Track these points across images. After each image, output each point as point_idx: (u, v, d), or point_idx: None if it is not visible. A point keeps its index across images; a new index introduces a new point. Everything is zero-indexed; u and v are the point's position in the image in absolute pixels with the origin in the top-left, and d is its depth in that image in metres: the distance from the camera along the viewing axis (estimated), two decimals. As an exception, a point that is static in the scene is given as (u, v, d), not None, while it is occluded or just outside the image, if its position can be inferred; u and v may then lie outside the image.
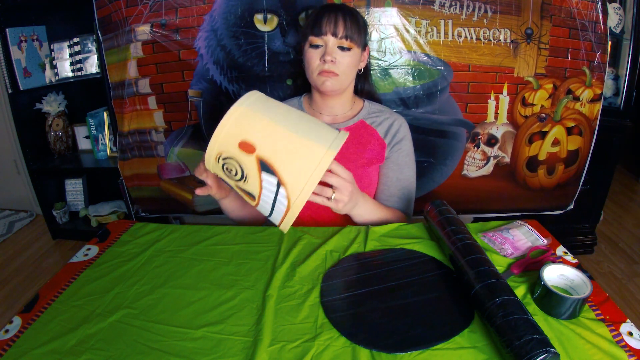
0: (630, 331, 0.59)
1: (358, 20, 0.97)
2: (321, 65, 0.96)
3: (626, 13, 1.50)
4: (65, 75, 1.98)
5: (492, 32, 1.32)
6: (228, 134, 0.65)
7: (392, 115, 1.06)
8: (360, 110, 1.06)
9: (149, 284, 0.74)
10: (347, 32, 0.94)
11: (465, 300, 0.65)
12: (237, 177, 0.67)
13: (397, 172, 1.04)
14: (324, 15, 0.95)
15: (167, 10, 1.36)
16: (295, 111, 0.72)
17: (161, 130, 1.53)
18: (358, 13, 1.00)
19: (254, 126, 0.65)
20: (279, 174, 0.63)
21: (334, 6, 0.98)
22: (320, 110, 1.06)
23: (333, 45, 0.95)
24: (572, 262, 0.75)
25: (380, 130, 1.04)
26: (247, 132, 0.64)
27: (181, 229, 0.91)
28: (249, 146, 0.64)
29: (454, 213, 0.81)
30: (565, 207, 1.60)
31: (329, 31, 0.94)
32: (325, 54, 0.95)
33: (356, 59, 0.99)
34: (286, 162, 0.63)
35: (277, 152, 0.64)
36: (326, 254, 0.79)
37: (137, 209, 1.75)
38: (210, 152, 0.67)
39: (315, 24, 0.95)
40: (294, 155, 0.64)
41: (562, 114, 1.41)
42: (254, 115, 0.66)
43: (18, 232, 2.29)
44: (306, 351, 0.58)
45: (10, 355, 0.60)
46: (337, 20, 0.94)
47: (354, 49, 0.96)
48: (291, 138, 0.65)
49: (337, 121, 1.06)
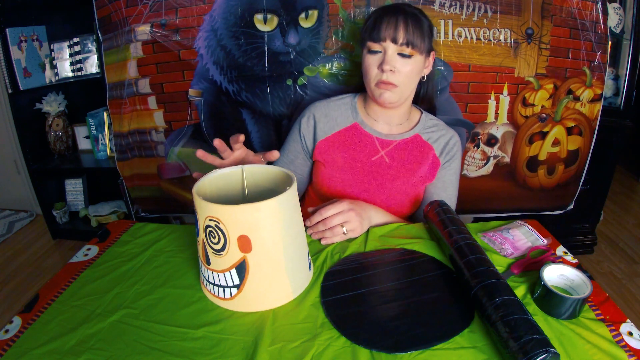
0: (630, 331, 0.59)
1: (422, 24, 0.88)
2: (379, 74, 0.89)
3: (626, 13, 1.50)
4: (65, 75, 1.98)
5: (492, 32, 1.32)
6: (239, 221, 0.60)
7: (448, 132, 1.01)
8: (417, 124, 1.01)
9: (149, 284, 0.74)
10: (409, 38, 0.86)
11: (465, 300, 0.65)
12: (216, 247, 0.62)
13: (440, 189, 1.00)
14: (384, 18, 0.87)
15: (167, 10, 1.36)
16: (301, 231, 0.70)
17: (161, 130, 1.53)
18: (423, 15, 0.91)
19: (266, 234, 0.61)
20: (244, 282, 0.63)
21: (395, 8, 0.89)
22: (375, 117, 1.01)
23: (393, 53, 0.87)
24: (572, 262, 0.75)
25: (436, 147, 1.00)
26: (256, 234, 0.60)
27: (181, 229, 0.91)
28: (247, 245, 0.61)
29: (454, 213, 0.81)
30: (565, 207, 1.60)
31: (389, 37, 0.86)
32: (384, 62, 0.87)
33: (418, 66, 0.91)
34: (258, 281, 0.63)
35: (260, 267, 0.62)
36: (326, 254, 0.79)
37: (137, 209, 1.75)
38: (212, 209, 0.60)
39: (374, 28, 0.88)
40: (266, 281, 0.64)
41: (563, 114, 1.41)
42: (273, 226, 0.62)
43: (18, 232, 2.29)
44: (306, 351, 0.58)
45: (10, 355, 0.60)
46: (398, 25, 0.86)
47: (416, 56, 0.89)
48: (279, 263, 0.64)
49: (392, 132, 1.00)
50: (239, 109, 1.44)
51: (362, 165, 0.99)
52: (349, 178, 0.99)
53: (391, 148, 0.99)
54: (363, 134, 1.00)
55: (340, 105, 1.03)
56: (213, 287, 0.66)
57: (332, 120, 1.02)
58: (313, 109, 1.03)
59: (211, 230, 0.62)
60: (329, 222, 0.81)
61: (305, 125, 1.03)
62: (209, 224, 0.62)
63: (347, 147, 1.00)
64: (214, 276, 0.65)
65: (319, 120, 1.02)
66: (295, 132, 1.05)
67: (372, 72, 0.91)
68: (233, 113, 1.44)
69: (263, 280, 0.64)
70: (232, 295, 0.65)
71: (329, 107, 1.03)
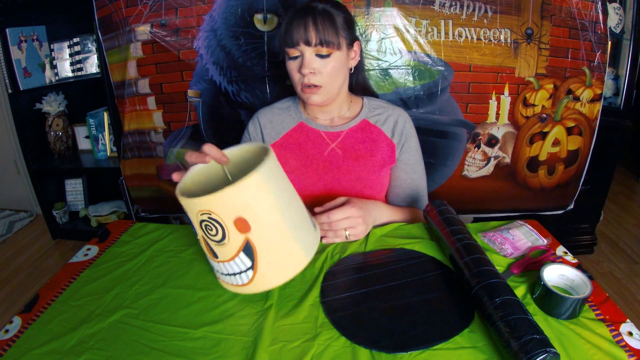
0: (630, 331, 0.59)
1: (334, 20, 0.86)
2: (301, 78, 0.89)
3: (626, 13, 1.50)
4: (65, 75, 1.98)
5: (492, 32, 1.32)
6: (228, 205, 0.60)
7: (394, 111, 1.01)
8: (361, 110, 1.01)
9: (149, 284, 0.74)
10: (322, 37, 0.84)
11: (465, 300, 0.65)
12: (216, 238, 0.62)
13: (410, 172, 1.01)
14: (294, 21, 0.86)
15: (167, 10, 1.36)
16: (294, 196, 0.69)
17: (160, 131, 1.53)
18: (337, 8, 0.89)
19: (258, 209, 0.61)
20: (256, 261, 0.62)
21: (304, 9, 0.87)
22: (315, 115, 1.01)
23: (310, 55, 0.86)
24: (572, 262, 0.75)
25: (386, 129, 1.00)
26: (249, 212, 0.60)
27: (181, 229, 0.91)
28: (245, 225, 0.60)
29: (454, 213, 0.81)
30: (565, 207, 1.60)
31: (301, 40, 0.85)
32: (303, 66, 0.86)
33: (340, 62, 0.90)
34: (268, 255, 0.62)
35: (265, 242, 0.62)
36: (326, 254, 0.79)
37: (137, 209, 1.75)
38: (198, 204, 0.60)
39: (286, 33, 0.87)
40: (277, 253, 0.63)
41: (563, 114, 1.41)
42: (262, 198, 0.61)
43: (18, 232, 2.29)
44: (306, 351, 0.58)
45: (10, 355, 0.60)
46: (307, 26, 0.84)
47: (335, 53, 0.87)
48: (283, 233, 0.63)
49: (335, 124, 1.00)
50: (238, 110, 1.44)
51: (315, 162, 0.99)
52: (305, 178, 0.99)
53: (341, 139, 0.99)
54: (310, 130, 1.00)
55: (283, 109, 1.04)
56: (230, 278, 0.65)
57: (278, 124, 1.02)
58: (258, 115, 1.04)
59: (206, 224, 0.61)
60: (334, 225, 0.82)
61: (254, 133, 1.04)
62: (202, 218, 0.61)
63: (297, 148, 1.00)
64: (226, 267, 0.64)
65: (265, 127, 1.02)
66: (246, 140, 1.06)
67: (296, 77, 0.90)
68: (232, 114, 1.44)
69: (273, 253, 0.63)
70: (250, 277, 0.64)
71: (272, 113, 1.03)
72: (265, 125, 1.03)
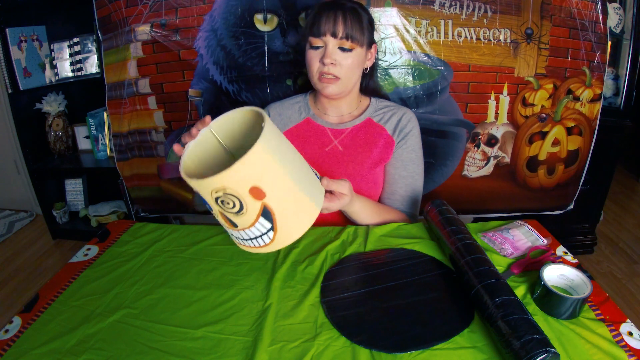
0: (630, 331, 0.59)
1: (361, 18, 0.92)
2: (321, 67, 0.92)
3: (626, 13, 1.50)
4: (65, 75, 1.98)
5: (492, 32, 1.32)
6: (241, 179, 0.61)
7: (399, 109, 1.03)
8: (367, 108, 1.04)
9: (149, 284, 0.74)
10: (348, 32, 0.90)
11: (465, 300, 0.65)
12: (234, 210, 0.64)
13: (400, 168, 1.01)
14: (323, 13, 0.91)
15: (167, 10, 1.36)
16: (294, 152, 0.71)
17: (161, 130, 1.53)
18: (362, 9, 0.94)
19: (269, 175, 0.63)
20: (275, 223, 0.64)
21: (333, 3, 0.92)
22: (325, 111, 1.05)
23: (333, 47, 0.91)
24: (572, 262, 0.75)
25: (388, 127, 1.02)
26: (261, 180, 0.62)
27: (181, 229, 0.91)
28: (260, 193, 0.62)
29: (454, 213, 0.81)
30: (565, 207, 1.60)
31: (328, 31, 0.90)
32: (325, 56, 0.91)
33: (359, 59, 0.94)
34: (285, 214, 0.65)
35: (281, 203, 0.64)
36: (326, 254, 0.79)
37: (137, 209, 1.75)
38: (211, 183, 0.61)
39: (313, 24, 0.91)
40: (292, 210, 0.66)
41: (562, 114, 1.41)
42: (270, 164, 0.63)
43: (18, 232, 2.29)
44: (306, 351, 0.58)
45: (10, 355, 0.60)
46: (337, 19, 0.89)
47: (357, 49, 0.92)
48: (294, 190, 0.66)
49: (343, 121, 1.04)
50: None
51: (316, 157, 1.02)
52: None
53: (344, 136, 1.03)
54: (315, 126, 1.04)
55: (293, 104, 1.08)
56: (252, 242, 0.67)
57: (286, 118, 1.06)
58: (269, 108, 1.09)
59: (222, 199, 0.63)
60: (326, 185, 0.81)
61: None
62: (217, 196, 0.63)
63: (300, 141, 1.04)
64: (247, 233, 0.66)
65: (274, 119, 1.06)
66: None
67: (315, 66, 0.94)
68: (233, 113, 1.44)
69: (289, 211, 0.65)
70: (272, 238, 0.66)
71: (282, 107, 1.08)
72: (274, 117, 1.07)
